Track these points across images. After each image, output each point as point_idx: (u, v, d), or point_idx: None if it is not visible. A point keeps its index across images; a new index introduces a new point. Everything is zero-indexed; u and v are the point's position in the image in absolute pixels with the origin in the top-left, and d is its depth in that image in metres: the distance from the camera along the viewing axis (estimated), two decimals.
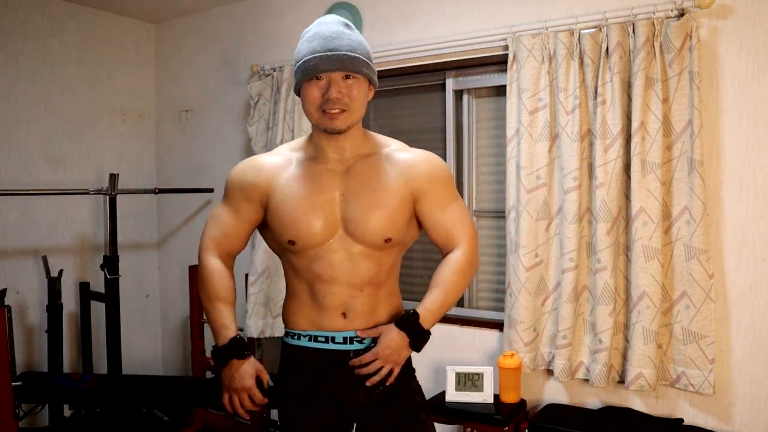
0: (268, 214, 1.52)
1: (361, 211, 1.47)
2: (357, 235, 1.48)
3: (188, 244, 3.81)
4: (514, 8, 2.61)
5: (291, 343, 1.57)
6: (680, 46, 2.17)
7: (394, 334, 1.48)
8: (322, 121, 1.46)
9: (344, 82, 1.42)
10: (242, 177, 1.57)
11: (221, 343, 1.52)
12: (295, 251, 1.50)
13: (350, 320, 1.51)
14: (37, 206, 3.34)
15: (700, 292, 2.19)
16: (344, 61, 1.41)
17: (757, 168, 2.19)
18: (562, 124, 2.41)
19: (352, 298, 1.51)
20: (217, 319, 1.54)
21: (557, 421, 2.37)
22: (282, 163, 1.55)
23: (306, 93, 1.46)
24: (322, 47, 1.41)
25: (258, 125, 3.23)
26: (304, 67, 1.43)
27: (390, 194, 1.49)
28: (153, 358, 3.94)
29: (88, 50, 3.56)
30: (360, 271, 1.49)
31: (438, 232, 1.54)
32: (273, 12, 3.36)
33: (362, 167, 1.51)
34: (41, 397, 2.93)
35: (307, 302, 1.54)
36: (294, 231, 1.47)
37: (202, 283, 1.57)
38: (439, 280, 1.52)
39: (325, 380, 1.53)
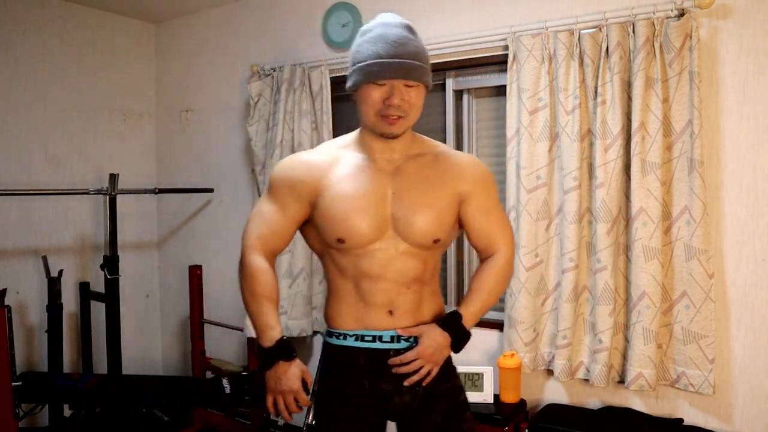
0: (317, 212, 1.51)
1: (412, 211, 1.48)
2: (407, 234, 1.48)
3: (188, 244, 3.81)
4: (514, 8, 2.61)
5: (335, 343, 1.55)
6: (680, 46, 2.17)
7: (436, 333, 1.51)
8: (379, 125, 1.46)
9: (405, 89, 1.43)
10: (291, 174, 1.53)
11: (267, 344, 1.48)
12: (343, 250, 1.49)
13: (396, 318, 1.51)
14: (37, 206, 3.34)
15: (700, 292, 2.19)
16: (408, 71, 1.41)
17: (757, 168, 2.19)
18: (562, 124, 2.41)
19: (399, 296, 1.51)
20: (263, 319, 1.49)
21: (557, 421, 2.37)
22: (330, 161, 1.53)
23: (365, 95, 1.44)
24: (386, 53, 1.40)
25: (258, 125, 3.23)
26: (366, 71, 1.42)
27: (439, 195, 1.52)
28: (153, 358, 3.94)
29: (88, 50, 3.56)
30: (407, 269, 1.50)
31: (479, 236, 1.59)
32: (273, 12, 3.36)
33: (411, 167, 1.53)
34: (41, 397, 2.93)
35: (353, 301, 1.52)
36: (345, 230, 1.46)
37: (248, 282, 1.52)
38: (482, 285, 1.57)
39: (371, 380, 1.52)
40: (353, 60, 1.47)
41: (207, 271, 3.60)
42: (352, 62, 1.48)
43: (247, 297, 1.52)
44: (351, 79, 1.48)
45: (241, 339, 3.47)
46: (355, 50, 1.47)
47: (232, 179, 3.58)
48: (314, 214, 1.51)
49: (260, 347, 1.49)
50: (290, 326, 3.11)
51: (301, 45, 3.23)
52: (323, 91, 3.01)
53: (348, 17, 3.03)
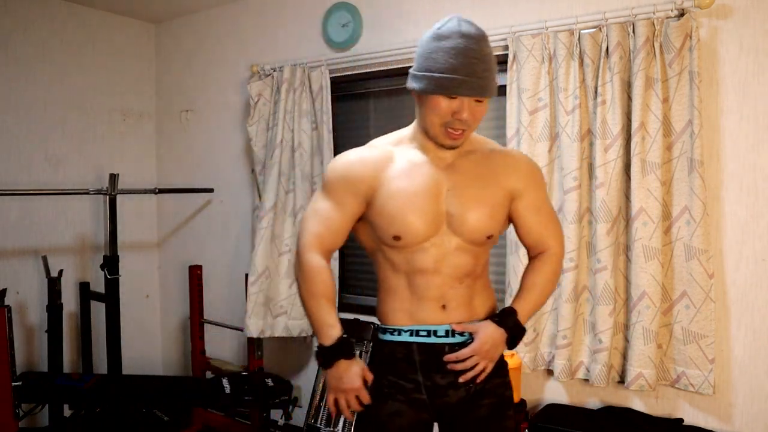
0: (373, 209, 1.51)
1: (467, 208, 1.50)
2: (461, 231, 1.50)
3: (188, 244, 3.81)
4: (514, 8, 2.61)
5: (389, 340, 1.56)
6: (680, 46, 2.17)
7: (492, 329, 1.52)
8: (442, 136, 1.46)
9: (474, 104, 1.43)
10: (349, 170, 1.52)
11: (328, 342, 1.48)
12: (398, 246, 1.50)
13: (449, 312, 1.52)
14: (37, 206, 3.34)
15: (700, 292, 2.19)
16: (484, 88, 1.41)
17: (757, 168, 2.19)
18: (562, 124, 2.41)
19: (452, 290, 1.52)
20: (323, 318, 1.49)
21: (557, 421, 2.37)
22: (385, 158, 1.53)
23: (434, 104, 1.43)
24: (465, 69, 1.38)
25: (258, 125, 3.23)
26: (441, 83, 1.40)
27: (492, 192, 1.53)
28: (153, 358, 3.94)
29: (88, 50, 3.56)
30: (460, 264, 1.52)
31: (530, 233, 1.61)
32: (273, 12, 3.36)
33: (464, 164, 1.53)
34: (41, 397, 2.93)
35: (406, 297, 1.53)
36: (401, 227, 1.47)
37: (306, 281, 1.51)
38: (535, 283, 1.60)
39: (426, 374, 1.52)
40: (425, 65, 1.43)
41: (207, 271, 3.60)
42: (423, 66, 1.44)
43: (306, 296, 1.52)
44: (419, 83, 1.44)
45: (241, 339, 3.47)
46: (428, 55, 1.43)
47: (232, 179, 3.58)
48: (370, 211, 1.52)
49: (320, 346, 1.49)
50: (290, 326, 3.11)
51: (301, 45, 3.23)
52: (323, 91, 3.01)
53: (348, 17, 3.03)
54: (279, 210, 3.08)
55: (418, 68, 1.45)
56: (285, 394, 3.01)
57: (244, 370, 3.27)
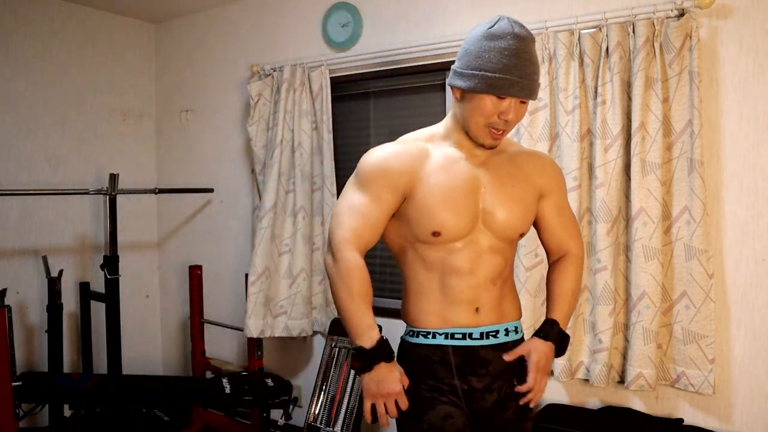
0: (411, 203, 1.48)
1: (503, 205, 1.50)
2: (496, 228, 1.50)
3: (188, 244, 3.81)
4: (513, 8, 2.61)
5: (422, 343, 1.52)
6: (680, 46, 2.17)
7: (542, 346, 1.55)
8: (484, 135, 1.47)
9: (520, 106, 1.45)
10: (387, 164, 1.48)
11: (368, 344, 1.42)
12: (436, 243, 1.47)
13: (482, 315, 1.51)
14: (37, 206, 3.34)
15: (700, 292, 2.19)
16: (533, 91, 1.43)
17: (757, 168, 2.19)
18: (562, 124, 2.41)
19: (486, 292, 1.51)
20: (362, 318, 1.43)
21: (557, 421, 2.37)
22: (421, 153, 1.51)
23: (480, 104, 1.42)
24: (519, 70, 1.39)
25: (258, 125, 3.23)
26: (493, 83, 1.39)
27: (524, 190, 1.56)
28: (153, 358, 3.94)
29: (88, 50, 3.56)
30: (494, 265, 1.52)
31: (553, 234, 1.64)
32: (273, 12, 3.36)
33: (497, 163, 1.55)
34: (41, 397, 2.93)
35: (438, 298, 1.50)
36: (442, 222, 1.45)
37: (343, 280, 1.44)
38: (567, 288, 1.63)
39: (463, 378, 1.50)
40: (475, 64, 1.42)
41: (207, 271, 3.60)
42: (471, 65, 1.43)
43: (343, 295, 1.45)
44: (468, 81, 1.43)
45: (241, 339, 3.47)
46: (479, 53, 1.42)
47: (232, 179, 3.58)
48: (407, 206, 1.48)
49: (359, 349, 1.43)
50: (290, 326, 3.11)
51: (301, 45, 3.24)
52: (323, 91, 3.01)
53: (348, 17, 3.03)
54: (279, 210, 3.08)
55: (467, 66, 1.44)
56: (285, 394, 3.01)
57: (244, 370, 3.27)
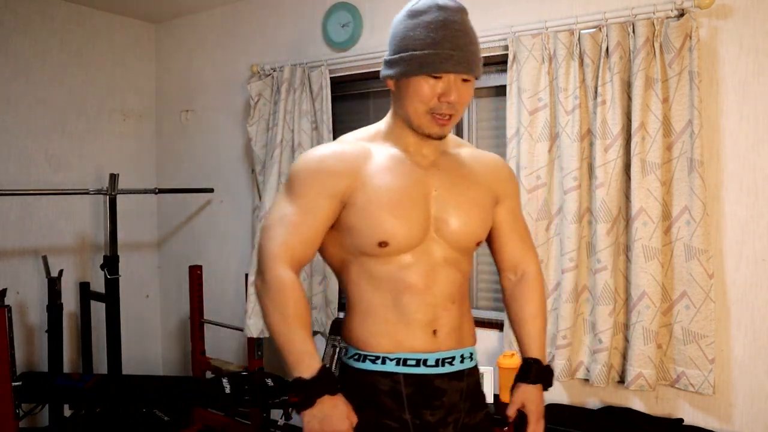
0: (352, 211, 1.29)
1: (457, 211, 1.34)
2: (450, 236, 1.33)
3: (188, 244, 3.81)
4: (514, 8, 2.61)
5: (368, 369, 1.32)
6: (680, 46, 2.17)
7: (534, 392, 1.42)
8: (428, 124, 1.29)
9: (462, 85, 1.27)
10: (322, 167, 1.29)
11: (308, 374, 1.21)
12: (383, 255, 1.29)
13: (440, 339, 1.33)
14: (37, 206, 3.34)
15: (700, 292, 2.19)
16: (473, 65, 1.26)
17: (757, 168, 2.19)
18: (562, 124, 2.41)
19: (445, 312, 1.34)
20: (299, 345, 1.23)
21: (557, 421, 2.37)
22: (362, 153, 1.33)
23: (415, 88, 1.26)
24: (449, 43, 1.22)
25: (258, 125, 3.23)
26: (423, 61, 1.23)
27: (480, 194, 1.40)
28: (153, 358, 3.94)
29: (88, 50, 3.56)
30: (452, 280, 1.35)
31: (511, 248, 1.49)
32: (273, 12, 3.36)
33: (447, 163, 1.38)
34: (41, 397, 2.92)
35: (389, 319, 1.31)
36: (389, 230, 1.27)
37: (276, 301, 1.25)
38: (538, 314, 1.48)
39: (414, 411, 1.30)
40: (401, 46, 1.27)
41: (207, 271, 3.60)
42: (398, 48, 1.28)
43: (275, 318, 1.25)
44: (397, 67, 1.28)
45: (241, 339, 3.47)
46: (404, 34, 1.27)
47: (232, 179, 3.58)
48: (348, 214, 1.30)
49: (298, 380, 1.22)
50: None
51: (301, 45, 3.23)
52: (323, 91, 3.01)
53: (348, 17, 3.03)
54: None
55: (395, 51, 1.29)
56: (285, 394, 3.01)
57: (244, 370, 3.27)
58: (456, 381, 1.34)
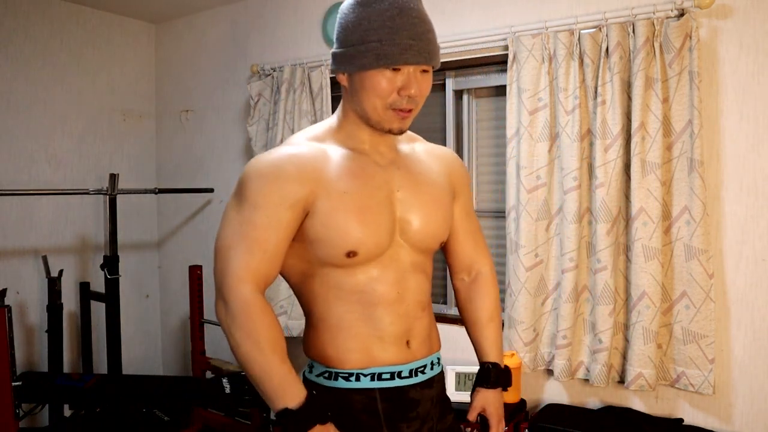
0: (315, 220, 1.19)
1: (422, 210, 1.28)
2: (416, 238, 1.28)
3: (188, 244, 3.81)
4: (514, 8, 2.61)
5: (341, 387, 1.24)
6: (680, 46, 2.17)
7: (494, 396, 1.42)
8: (388, 120, 1.21)
9: (421, 76, 1.20)
10: (279, 174, 1.18)
11: (294, 403, 1.13)
12: (351, 265, 1.21)
13: (413, 349, 1.29)
14: (37, 206, 3.34)
15: (700, 292, 2.19)
16: (433, 54, 1.19)
17: (757, 168, 2.19)
18: (562, 124, 2.41)
19: (417, 321, 1.29)
20: (279, 373, 1.14)
21: (557, 421, 2.37)
22: (318, 156, 1.23)
23: (372, 83, 1.17)
24: (408, 31, 1.15)
25: (258, 125, 3.23)
26: (381, 52, 1.14)
27: (441, 190, 1.34)
28: (153, 358, 3.94)
29: (88, 50, 3.56)
30: (421, 286, 1.30)
31: (464, 246, 1.45)
32: (273, 12, 3.36)
33: (406, 161, 1.32)
34: (41, 397, 2.93)
35: (361, 333, 1.24)
36: (358, 238, 1.19)
37: (246, 329, 1.14)
38: (494, 315, 1.46)
39: (391, 426, 1.24)
40: (353, 37, 1.18)
41: (207, 271, 3.59)
42: (350, 39, 1.19)
43: (247, 348, 1.14)
44: (350, 61, 1.19)
45: None
46: (356, 23, 1.17)
47: (232, 179, 3.56)
48: (310, 223, 1.20)
49: (284, 411, 1.13)
50: (290, 326, 3.11)
51: (301, 45, 3.23)
52: (323, 91, 3.01)
53: None
54: None
55: (346, 44, 1.19)
56: None
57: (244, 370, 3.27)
58: (428, 389, 1.31)
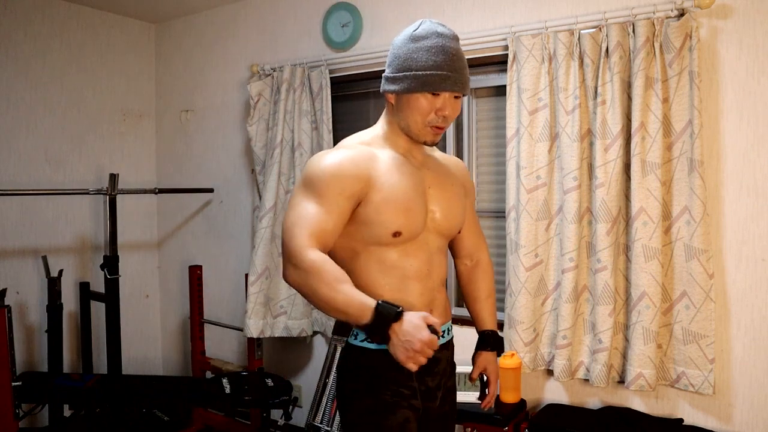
0: (368, 206, 1.47)
1: (447, 204, 1.59)
2: (442, 226, 1.58)
3: (188, 244, 3.81)
4: (514, 8, 2.61)
5: (378, 348, 1.47)
6: (680, 46, 2.17)
7: (492, 358, 1.74)
8: (425, 133, 1.52)
9: (454, 101, 1.50)
10: (341, 169, 1.45)
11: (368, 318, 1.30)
12: (394, 244, 1.49)
13: (435, 316, 1.51)
14: (37, 206, 3.34)
15: (700, 292, 2.19)
16: (465, 85, 1.49)
17: (757, 168, 2.19)
18: (562, 124, 2.41)
19: (439, 294, 1.60)
20: (352, 299, 1.33)
21: (557, 421, 2.37)
22: (370, 156, 1.51)
23: (416, 103, 1.48)
24: (448, 65, 1.45)
25: (258, 125, 3.23)
26: (425, 80, 1.45)
27: (458, 189, 1.66)
28: (153, 358, 3.94)
29: (88, 50, 3.56)
30: (443, 266, 1.62)
31: (470, 234, 1.78)
32: (273, 12, 3.36)
33: (432, 164, 1.63)
34: (41, 397, 2.93)
35: (395, 300, 1.45)
36: (403, 221, 1.48)
37: (320, 277, 1.34)
38: (490, 290, 1.81)
39: (420, 380, 1.55)
40: (404, 65, 1.48)
41: (207, 271, 3.60)
42: (401, 67, 1.49)
43: (324, 291, 1.34)
44: (401, 84, 1.48)
45: (241, 339, 3.47)
46: (407, 55, 1.48)
47: (232, 179, 3.59)
48: (363, 209, 1.47)
49: (366, 326, 1.31)
50: (290, 326, 3.12)
51: (301, 45, 3.24)
52: (323, 91, 3.01)
53: (348, 17, 3.03)
54: (279, 210, 3.08)
55: (398, 70, 1.49)
56: (285, 394, 3.01)
57: (244, 370, 3.27)
58: (445, 350, 1.62)
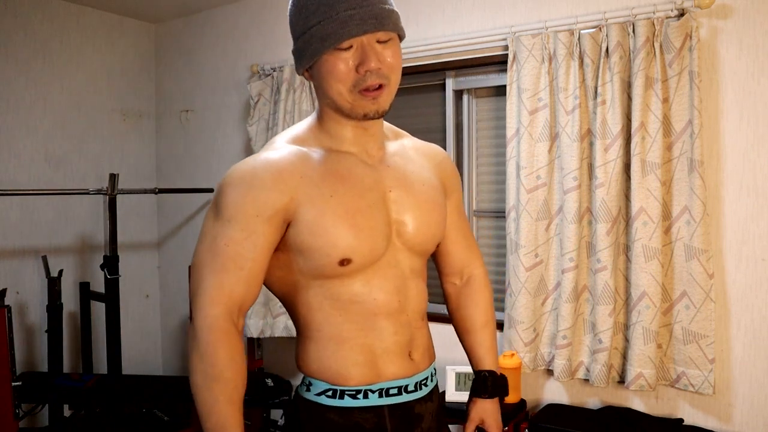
0: (300, 228, 1.08)
1: (417, 210, 1.18)
2: (413, 240, 1.18)
3: (188, 244, 3.81)
4: (514, 8, 2.61)
5: (350, 406, 1.14)
6: (680, 46, 2.17)
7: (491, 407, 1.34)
8: (358, 104, 1.08)
9: (379, 47, 1.07)
10: (253, 183, 1.07)
11: None
12: (346, 274, 1.11)
13: (416, 360, 1.20)
14: (37, 206, 3.34)
15: (700, 292, 2.19)
16: (382, 18, 1.06)
17: (757, 168, 2.19)
18: (562, 124, 2.41)
19: (418, 331, 1.21)
20: (220, 419, 1.03)
21: (557, 421, 2.37)
22: (299, 160, 1.12)
23: (328, 69, 1.06)
24: (347, 2, 1.03)
25: (258, 125, 3.23)
26: (322, 33, 1.04)
27: (434, 189, 1.24)
28: (153, 358, 3.94)
29: (88, 50, 3.56)
30: (421, 293, 1.22)
31: (458, 245, 1.36)
32: (273, 12, 3.36)
33: (395, 159, 1.21)
34: (41, 397, 2.93)
35: (360, 346, 1.14)
36: (350, 244, 1.08)
37: (203, 358, 1.03)
38: (486, 317, 1.38)
39: None
40: (300, 29, 1.08)
41: None
42: (298, 32, 1.09)
43: (198, 379, 1.03)
44: (304, 53, 1.08)
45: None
46: (298, 13, 1.09)
47: None
48: (295, 233, 1.09)
49: None
50: (290, 326, 3.11)
51: None
52: None
53: None
54: None
55: (295, 38, 1.12)
56: (285, 394, 3.01)
57: None
58: (429, 402, 1.23)
